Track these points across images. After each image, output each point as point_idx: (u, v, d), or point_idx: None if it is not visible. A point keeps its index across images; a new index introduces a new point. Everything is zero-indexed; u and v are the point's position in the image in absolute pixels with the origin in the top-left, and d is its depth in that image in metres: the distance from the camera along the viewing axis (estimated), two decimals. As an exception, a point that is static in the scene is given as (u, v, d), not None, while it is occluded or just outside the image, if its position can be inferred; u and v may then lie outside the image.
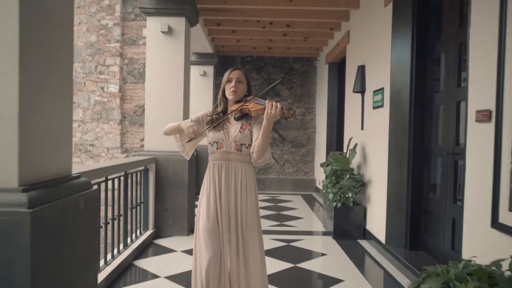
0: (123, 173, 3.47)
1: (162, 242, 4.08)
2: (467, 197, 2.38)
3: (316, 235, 4.70)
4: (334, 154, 4.72)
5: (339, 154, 4.72)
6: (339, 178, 4.52)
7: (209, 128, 2.10)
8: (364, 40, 4.63)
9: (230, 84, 2.09)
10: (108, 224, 3.11)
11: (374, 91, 4.20)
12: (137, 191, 3.90)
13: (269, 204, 6.59)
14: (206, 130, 2.11)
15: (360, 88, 4.58)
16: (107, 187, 3.06)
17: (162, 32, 4.34)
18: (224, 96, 2.14)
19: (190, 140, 2.10)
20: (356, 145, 4.57)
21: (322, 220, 5.19)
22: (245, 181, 2.07)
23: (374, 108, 4.20)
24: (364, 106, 4.58)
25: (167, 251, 3.81)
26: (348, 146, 4.73)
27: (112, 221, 3.21)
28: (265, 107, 1.92)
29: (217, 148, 2.08)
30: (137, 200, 3.90)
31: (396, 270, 3.34)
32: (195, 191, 4.78)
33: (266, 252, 2.26)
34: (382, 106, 3.94)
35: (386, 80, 3.82)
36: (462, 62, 2.90)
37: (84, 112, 8.10)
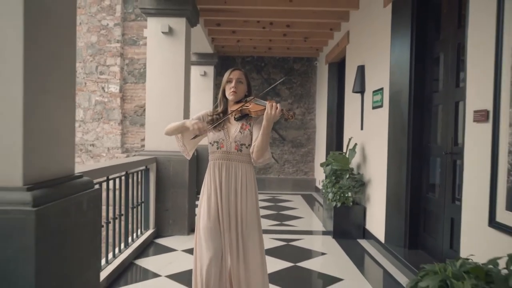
0: (124, 172, 3.49)
1: (162, 242, 4.10)
2: (465, 196, 2.40)
3: (316, 235, 4.72)
4: (334, 154, 4.74)
5: (339, 154, 4.73)
6: (339, 178, 4.54)
7: (211, 127, 2.12)
8: (364, 40, 4.65)
9: (230, 84, 2.10)
10: (109, 224, 3.14)
11: (374, 91, 4.21)
12: (138, 191, 3.92)
13: (269, 203, 6.61)
14: (210, 128, 2.10)
15: (360, 88, 4.59)
16: (109, 187, 3.08)
17: (163, 32, 4.36)
18: (224, 96, 2.15)
19: (195, 137, 2.10)
20: (355, 145, 4.59)
21: (322, 219, 5.21)
22: (245, 181, 2.08)
23: (373, 108, 4.22)
24: (363, 106, 4.60)
25: (168, 250, 3.83)
26: (347, 146, 4.74)
27: (113, 220, 3.23)
28: (265, 108, 1.93)
29: (217, 148, 2.10)
30: (138, 200, 3.93)
31: (395, 269, 3.36)
32: (196, 190, 4.80)
33: (266, 251, 2.27)
34: (382, 106, 3.96)
35: (386, 80, 3.83)
36: (460, 63, 2.91)
37: (84, 112, 8.12)
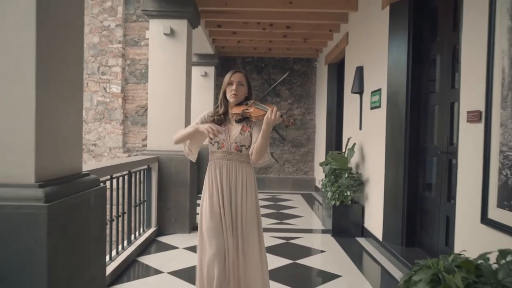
0: (127, 172, 3.56)
1: (164, 239, 4.18)
2: (459, 194, 2.47)
3: (315, 233, 4.79)
4: (333, 154, 4.80)
5: (338, 153, 4.80)
6: (338, 177, 4.61)
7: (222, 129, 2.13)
8: (362, 41, 4.72)
9: (231, 87, 2.15)
10: (112, 222, 3.21)
11: (372, 92, 4.28)
12: (140, 190, 3.99)
13: (269, 203, 6.68)
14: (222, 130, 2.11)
15: (358, 89, 4.66)
16: (112, 186, 3.16)
17: (165, 34, 4.43)
18: (225, 97, 2.19)
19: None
20: (354, 144, 4.65)
21: (321, 218, 5.28)
22: (245, 180, 2.13)
23: (371, 108, 4.29)
24: (362, 106, 4.67)
25: (170, 248, 3.90)
26: (346, 145, 4.81)
27: (116, 218, 3.31)
28: (266, 113, 2.00)
29: (218, 148, 2.14)
30: (140, 198, 4.00)
31: (392, 266, 3.43)
32: (197, 189, 4.87)
33: (266, 249, 2.32)
34: (380, 107, 4.03)
35: (383, 81, 3.90)
36: (456, 64, 2.98)
37: (86, 112, 8.19)
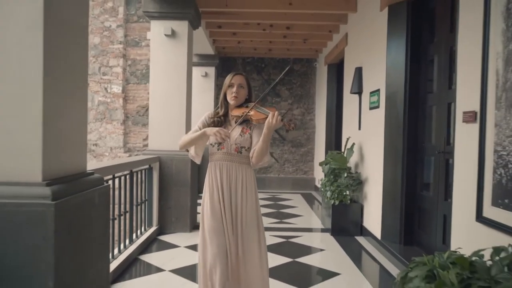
0: (129, 171, 3.61)
1: (165, 238, 4.23)
2: (456, 193, 2.52)
3: (315, 232, 4.84)
4: (332, 153, 4.85)
5: (337, 153, 4.85)
6: (337, 177, 4.65)
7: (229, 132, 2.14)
8: (361, 42, 4.76)
9: (232, 89, 2.17)
10: (114, 220, 3.26)
11: (371, 92, 4.33)
12: (141, 189, 4.04)
13: (269, 202, 6.72)
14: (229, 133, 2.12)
15: (357, 89, 4.70)
16: (114, 185, 3.20)
17: (166, 35, 4.48)
18: (226, 99, 2.22)
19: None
20: (353, 144, 4.70)
21: (321, 217, 5.33)
22: (245, 181, 2.17)
23: (370, 108, 4.33)
24: (361, 106, 4.71)
25: (171, 246, 3.95)
26: (345, 145, 4.86)
27: (118, 217, 3.36)
28: (266, 117, 2.02)
29: (218, 149, 2.17)
30: (142, 198, 4.04)
31: (390, 265, 3.48)
32: (197, 189, 4.92)
33: (267, 248, 2.37)
34: (378, 107, 4.07)
35: (382, 82, 3.95)
36: (453, 65, 3.03)
37: (88, 112, 8.24)
